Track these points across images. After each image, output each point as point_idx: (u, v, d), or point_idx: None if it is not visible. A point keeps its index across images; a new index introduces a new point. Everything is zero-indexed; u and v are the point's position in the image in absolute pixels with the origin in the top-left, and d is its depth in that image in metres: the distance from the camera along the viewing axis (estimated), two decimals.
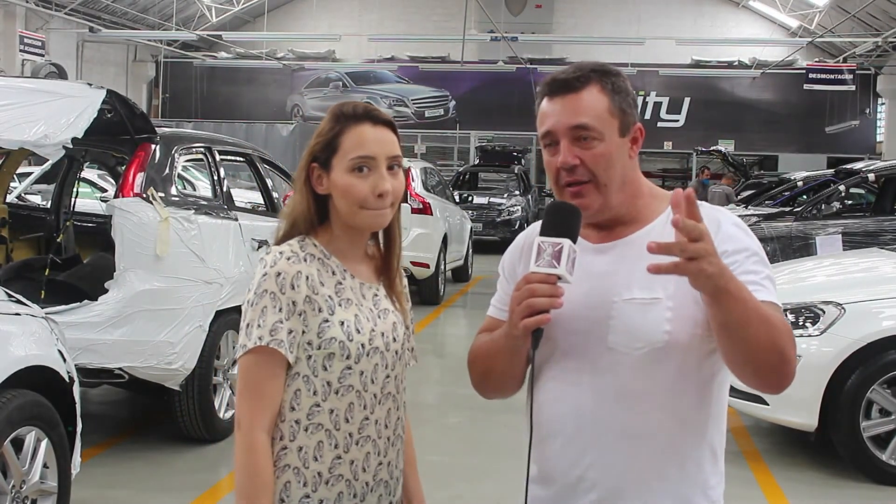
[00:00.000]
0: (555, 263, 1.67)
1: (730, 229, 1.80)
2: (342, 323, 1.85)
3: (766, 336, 1.65)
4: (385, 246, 1.98)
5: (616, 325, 1.77)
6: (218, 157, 6.25)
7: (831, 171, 13.55)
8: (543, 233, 1.71)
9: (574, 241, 1.70)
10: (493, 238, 18.82)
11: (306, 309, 1.82)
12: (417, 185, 11.69)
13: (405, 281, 2.06)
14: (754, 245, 1.80)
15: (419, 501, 2.10)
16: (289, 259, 1.83)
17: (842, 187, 10.10)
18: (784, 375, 1.71)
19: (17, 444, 3.64)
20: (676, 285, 1.74)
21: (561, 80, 1.81)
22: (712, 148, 21.45)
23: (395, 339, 1.94)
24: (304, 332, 1.83)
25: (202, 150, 6.19)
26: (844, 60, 25.29)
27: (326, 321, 1.83)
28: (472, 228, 14.45)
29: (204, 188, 11.81)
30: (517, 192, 20.18)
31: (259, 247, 6.04)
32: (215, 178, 6.20)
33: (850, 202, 13.00)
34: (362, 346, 1.86)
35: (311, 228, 1.89)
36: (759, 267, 1.78)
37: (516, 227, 19.18)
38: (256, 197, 8.29)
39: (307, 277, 1.83)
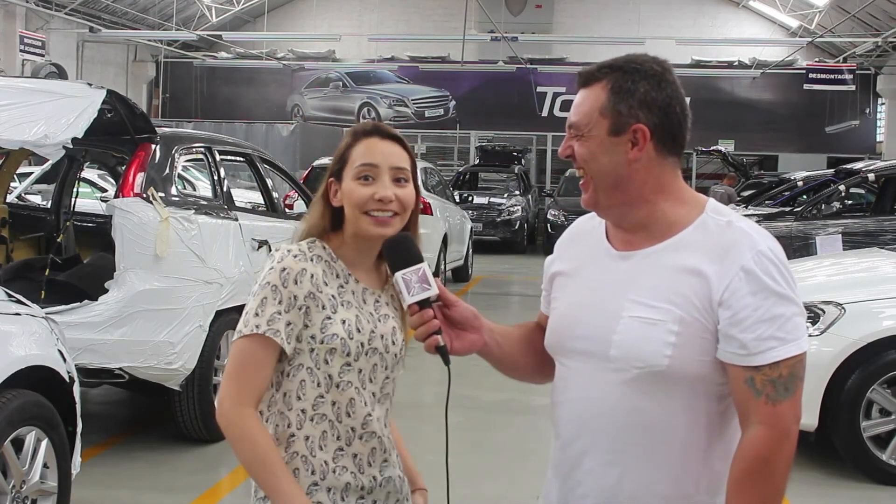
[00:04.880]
0: (404, 297, 1.90)
1: (749, 265, 1.71)
2: (343, 322, 1.93)
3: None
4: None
5: (618, 341, 1.75)
6: (218, 157, 6.24)
7: (831, 171, 13.54)
8: (391, 270, 1.95)
9: (410, 264, 1.92)
10: (493, 238, 18.83)
11: (310, 304, 1.91)
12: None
13: None
14: (770, 278, 1.71)
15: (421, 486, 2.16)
16: (295, 257, 1.93)
17: (842, 187, 10.10)
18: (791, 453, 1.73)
19: (18, 444, 3.64)
20: (684, 309, 1.72)
21: (583, 73, 1.86)
22: (712, 148, 21.40)
23: (394, 343, 2.01)
24: (307, 326, 1.91)
25: (202, 150, 6.19)
26: (844, 60, 25.28)
27: (329, 318, 1.92)
28: (472, 228, 14.45)
29: (204, 188, 11.81)
30: (517, 192, 20.17)
31: (259, 247, 6.03)
32: (215, 178, 6.20)
33: (850, 202, 13.00)
34: (361, 345, 1.94)
35: (324, 234, 2.00)
36: (781, 308, 1.69)
37: (516, 226, 19.21)
38: (256, 197, 8.29)
39: (311, 276, 1.92)
